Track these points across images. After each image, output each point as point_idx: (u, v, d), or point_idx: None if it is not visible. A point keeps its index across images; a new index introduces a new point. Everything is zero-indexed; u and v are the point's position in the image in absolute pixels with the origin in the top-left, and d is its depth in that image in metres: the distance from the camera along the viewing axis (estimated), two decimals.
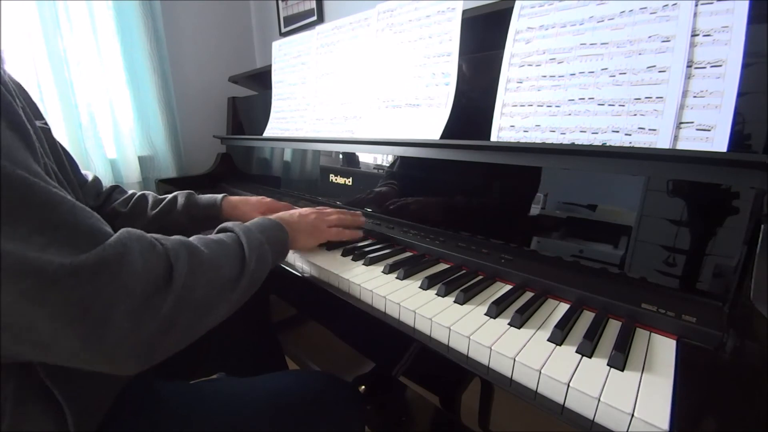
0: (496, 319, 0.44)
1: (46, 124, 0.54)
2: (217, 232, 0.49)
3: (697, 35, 0.45)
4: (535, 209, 0.57)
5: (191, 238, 0.42)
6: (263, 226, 0.52)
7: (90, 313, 0.29)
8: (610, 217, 0.50)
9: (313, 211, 0.66)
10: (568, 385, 0.33)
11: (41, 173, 0.32)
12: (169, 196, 0.75)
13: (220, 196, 0.77)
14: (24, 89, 0.55)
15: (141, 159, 1.36)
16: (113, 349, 0.31)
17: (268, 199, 0.79)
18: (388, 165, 0.80)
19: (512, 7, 0.61)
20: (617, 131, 0.50)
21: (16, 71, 0.52)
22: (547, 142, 0.56)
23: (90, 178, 0.71)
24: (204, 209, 0.75)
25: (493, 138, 0.62)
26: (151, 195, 0.75)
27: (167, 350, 0.36)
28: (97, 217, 0.34)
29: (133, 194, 0.74)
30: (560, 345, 0.39)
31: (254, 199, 0.78)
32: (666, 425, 0.29)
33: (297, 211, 0.65)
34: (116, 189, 0.76)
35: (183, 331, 0.36)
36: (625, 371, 0.35)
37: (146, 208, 0.72)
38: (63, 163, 0.52)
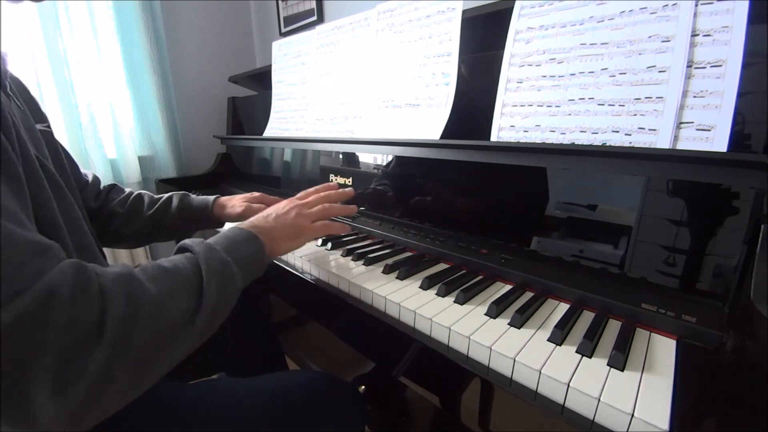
0: (496, 319, 0.44)
1: (48, 126, 0.54)
2: (177, 251, 0.43)
3: (697, 35, 0.45)
4: (535, 209, 0.57)
5: (138, 269, 0.36)
6: (231, 240, 0.45)
7: (3, 378, 0.25)
8: (610, 217, 0.50)
9: (292, 206, 0.57)
10: (568, 385, 0.33)
11: None
12: (165, 196, 0.74)
13: (212, 198, 0.76)
14: (25, 88, 0.55)
15: (141, 159, 1.36)
16: (33, 416, 0.26)
17: (258, 194, 0.77)
18: (387, 165, 0.80)
19: (512, 7, 0.61)
20: (617, 131, 0.50)
21: (16, 71, 0.52)
22: (547, 142, 0.56)
23: (90, 178, 0.71)
24: (196, 211, 0.74)
25: (493, 138, 0.62)
26: (147, 195, 0.75)
27: (103, 412, 0.30)
28: (33, 245, 0.29)
29: (130, 194, 0.74)
30: (560, 345, 0.39)
31: (241, 195, 0.77)
32: (666, 425, 0.29)
33: (273, 211, 0.56)
34: (114, 188, 0.75)
35: (125, 386, 0.31)
36: (625, 371, 0.35)
37: (143, 209, 0.72)
38: (63, 165, 0.52)
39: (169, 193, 0.75)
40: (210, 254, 0.41)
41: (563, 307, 0.47)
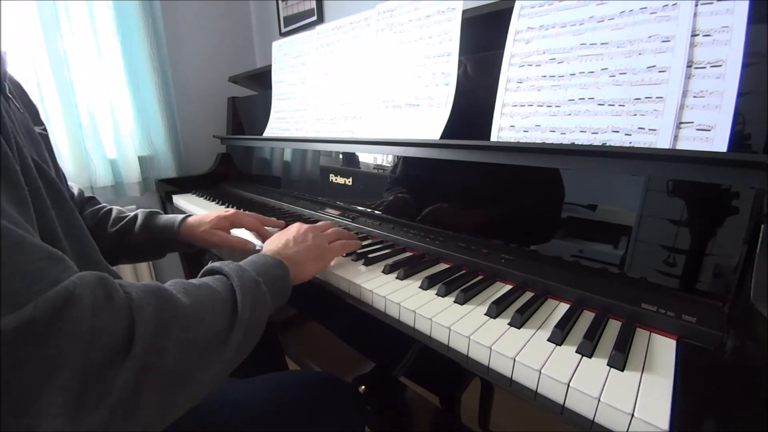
0: (496, 319, 0.44)
1: (44, 130, 0.53)
2: (203, 275, 0.41)
3: (697, 35, 0.45)
4: (535, 209, 0.57)
5: (168, 284, 0.33)
6: (257, 263, 0.44)
7: (8, 400, 0.22)
8: (610, 217, 0.50)
9: (307, 229, 0.57)
10: (568, 385, 0.33)
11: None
12: (131, 214, 0.69)
13: (179, 218, 0.68)
14: (23, 90, 0.54)
15: (141, 159, 1.36)
16: None
17: (231, 212, 0.70)
18: (388, 165, 0.80)
19: (512, 7, 0.61)
20: (617, 131, 0.50)
21: (16, 71, 0.51)
22: (547, 142, 0.56)
23: (76, 191, 0.68)
24: (161, 231, 0.67)
25: (493, 138, 0.62)
26: (116, 210, 0.70)
27: None
28: (48, 253, 0.26)
29: (102, 208, 0.70)
30: (560, 345, 0.39)
31: (212, 215, 0.69)
32: (666, 425, 0.29)
33: (290, 237, 0.54)
34: (90, 200, 0.71)
35: (152, 411, 0.27)
36: (625, 371, 0.35)
37: (107, 225, 0.66)
38: (60, 173, 0.50)
39: (137, 211, 0.69)
40: (241, 272, 0.39)
41: (563, 307, 0.47)
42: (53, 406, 0.22)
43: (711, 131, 0.44)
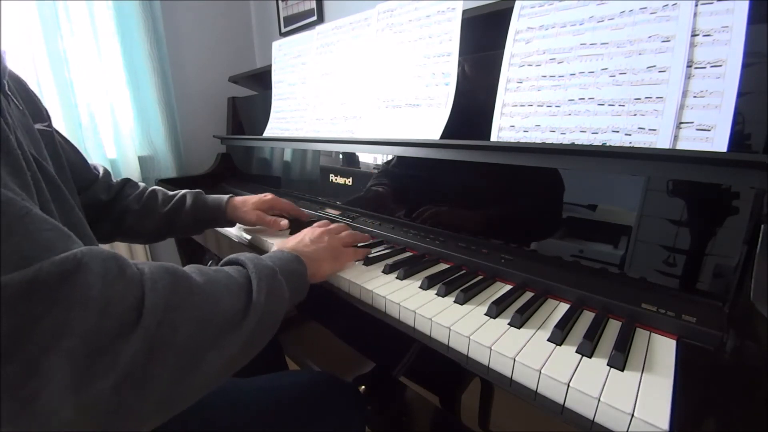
0: (496, 319, 0.44)
1: (49, 126, 0.52)
2: (222, 265, 0.41)
3: (697, 35, 0.45)
4: (535, 209, 0.57)
5: (185, 267, 0.33)
6: (275, 256, 0.45)
7: (10, 364, 0.21)
8: (610, 217, 0.50)
9: (323, 231, 0.58)
10: (568, 385, 0.33)
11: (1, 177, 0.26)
12: (179, 193, 0.74)
13: (226, 197, 0.76)
14: (25, 86, 0.53)
15: (141, 159, 1.36)
16: (45, 421, 0.22)
17: (270, 196, 0.77)
18: (388, 165, 0.80)
19: (512, 7, 0.61)
20: (617, 131, 0.50)
21: (16, 71, 0.51)
22: (547, 142, 0.56)
23: (101, 171, 0.70)
24: (210, 211, 0.74)
25: (493, 138, 0.62)
26: (161, 192, 0.74)
27: (140, 418, 0.26)
28: (61, 231, 0.27)
29: (145, 190, 0.74)
30: (560, 345, 0.39)
31: (255, 197, 0.76)
32: (666, 425, 0.29)
33: (306, 236, 0.56)
34: (128, 183, 0.74)
35: (163, 387, 0.27)
36: (625, 371, 0.35)
37: (157, 206, 0.72)
38: (63, 166, 0.50)
39: (183, 191, 0.75)
40: (258, 261, 0.39)
41: (563, 307, 0.47)
42: (59, 371, 0.22)
43: (711, 131, 0.44)
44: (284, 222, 0.74)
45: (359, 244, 0.65)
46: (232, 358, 0.32)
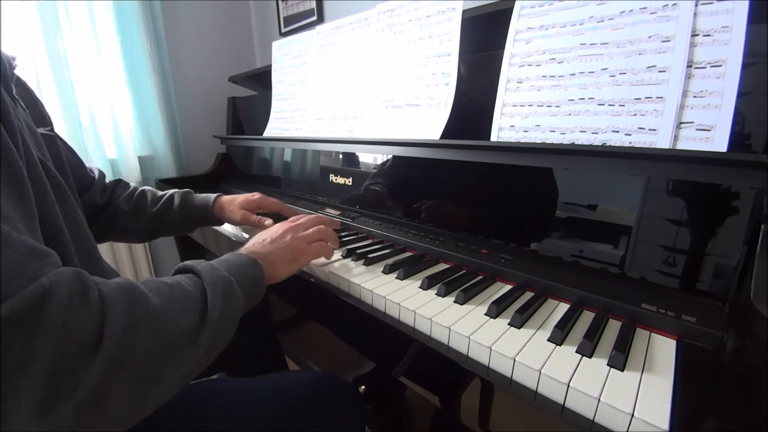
0: (496, 319, 0.44)
1: (51, 130, 0.53)
2: (176, 272, 0.41)
3: (697, 35, 0.45)
4: (535, 209, 0.57)
5: (140, 282, 0.34)
6: (231, 263, 0.44)
7: None
8: (610, 217, 0.50)
9: (287, 229, 0.56)
10: (568, 385, 0.33)
11: None
12: (167, 193, 0.75)
13: (213, 196, 0.77)
14: (30, 91, 0.55)
15: (141, 159, 1.36)
16: None
17: (257, 195, 0.77)
18: (387, 165, 0.80)
19: (512, 7, 0.61)
20: (617, 131, 0.50)
21: (17, 72, 0.51)
22: (547, 142, 0.56)
23: (96, 174, 0.71)
24: (197, 210, 0.75)
25: (493, 138, 0.62)
26: (149, 192, 0.76)
27: None
28: (31, 249, 0.27)
29: (135, 190, 0.75)
30: (560, 345, 0.39)
31: (242, 197, 0.77)
32: (666, 425, 0.29)
33: (268, 236, 0.55)
34: (119, 183, 0.75)
35: (122, 407, 0.28)
36: (625, 371, 0.35)
37: (146, 206, 0.73)
38: (64, 168, 0.50)
39: (171, 191, 0.76)
40: (213, 272, 0.40)
41: (563, 307, 0.47)
42: (23, 399, 0.23)
43: (711, 131, 0.44)
44: (268, 222, 0.73)
45: (330, 252, 0.61)
46: (188, 371, 0.34)
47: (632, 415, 0.30)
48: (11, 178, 0.30)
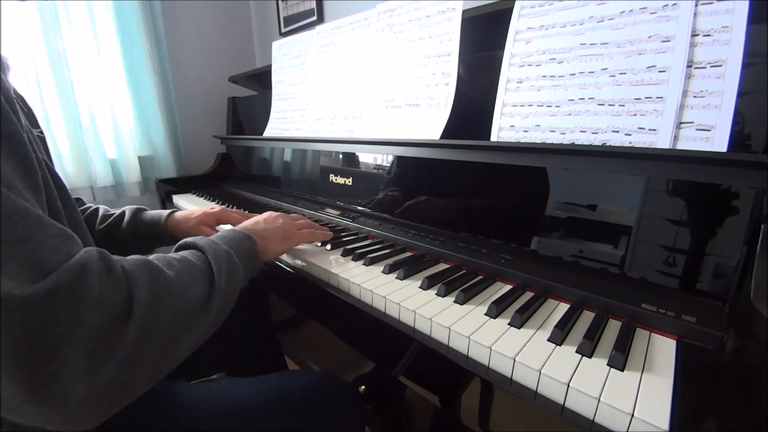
0: (496, 319, 0.44)
1: (41, 132, 0.53)
2: (177, 249, 0.44)
3: (697, 35, 0.45)
4: (535, 209, 0.57)
5: (151, 257, 0.38)
6: (228, 237, 0.48)
7: (36, 353, 0.25)
8: (610, 217, 0.50)
9: (279, 215, 0.63)
10: (568, 385, 0.33)
11: (16, 185, 0.30)
12: (118, 211, 0.71)
13: (166, 213, 0.72)
14: (21, 97, 0.55)
15: (141, 159, 1.36)
16: (65, 396, 0.26)
17: (217, 208, 0.74)
18: (387, 165, 0.80)
19: (512, 7, 0.61)
20: (617, 131, 0.50)
21: (16, 71, 0.51)
22: (547, 142, 0.56)
23: None
24: (148, 226, 0.70)
25: (493, 138, 0.62)
26: (102, 209, 0.72)
27: (134, 390, 0.32)
28: (61, 231, 0.31)
29: (87, 208, 0.72)
30: (560, 345, 0.39)
31: (198, 212, 0.73)
32: (666, 425, 0.29)
33: (260, 218, 0.61)
34: (77, 201, 0.71)
35: (150, 366, 0.32)
36: (625, 371, 0.35)
37: (95, 223, 0.69)
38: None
39: (124, 208, 0.72)
40: (215, 246, 0.43)
41: (563, 307, 0.47)
42: (72, 359, 0.27)
43: (711, 131, 0.44)
44: None
45: (322, 237, 0.68)
46: (201, 334, 0.38)
47: (632, 415, 0.30)
48: (27, 171, 0.33)
